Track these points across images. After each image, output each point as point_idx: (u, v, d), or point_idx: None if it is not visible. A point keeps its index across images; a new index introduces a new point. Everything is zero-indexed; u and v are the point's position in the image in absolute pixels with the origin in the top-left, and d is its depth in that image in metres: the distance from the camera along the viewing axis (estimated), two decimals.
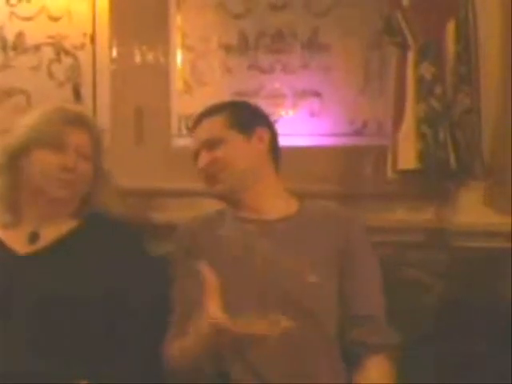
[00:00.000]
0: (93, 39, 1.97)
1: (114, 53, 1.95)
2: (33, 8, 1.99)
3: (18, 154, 1.36)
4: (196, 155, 1.43)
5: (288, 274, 1.27)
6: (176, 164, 1.87)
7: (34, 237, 1.36)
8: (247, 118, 1.43)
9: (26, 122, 1.39)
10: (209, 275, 1.13)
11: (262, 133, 1.42)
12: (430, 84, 1.64)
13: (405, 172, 1.69)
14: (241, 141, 1.39)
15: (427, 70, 1.65)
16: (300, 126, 1.91)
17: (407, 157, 1.65)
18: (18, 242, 1.36)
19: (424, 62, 1.65)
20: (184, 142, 1.93)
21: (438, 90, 1.64)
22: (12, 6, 2.00)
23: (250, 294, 1.26)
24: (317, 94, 1.91)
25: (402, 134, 1.67)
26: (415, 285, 1.59)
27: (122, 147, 1.89)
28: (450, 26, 1.66)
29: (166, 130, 1.96)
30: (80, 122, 1.40)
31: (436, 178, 1.70)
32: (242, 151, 1.39)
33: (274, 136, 1.46)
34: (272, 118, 1.54)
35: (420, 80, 1.65)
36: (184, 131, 1.95)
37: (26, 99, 1.99)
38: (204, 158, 1.40)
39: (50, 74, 1.99)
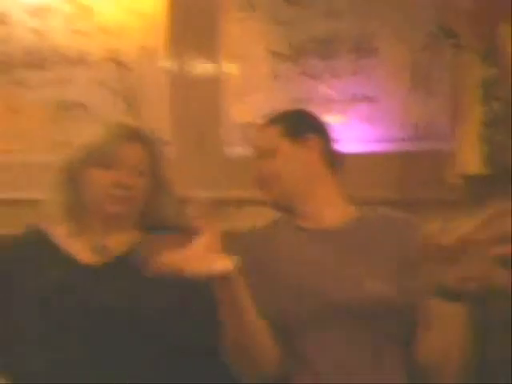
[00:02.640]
0: (149, 52, 2.01)
1: (170, 65, 1.98)
2: (91, 24, 2.05)
3: (77, 171, 1.40)
4: (254, 165, 1.45)
5: (349, 283, 1.26)
6: (231, 173, 1.89)
7: (100, 248, 1.39)
8: (300, 126, 1.43)
9: (83, 140, 1.43)
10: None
11: (314, 141, 1.41)
12: (492, 86, 1.60)
13: (467, 177, 1.65)
14: (293, 150, 1.40)
15: (489, 72, 1.61)
16: (350, 132, 1.89)
17: (471, 162, 1.62)
18: (83, 253, 1.38)
19: (485, 64, 1.61)
20: (237, 150, 1.95)
21: (500, 92, 1.60)
22: (71, 22, 2.06)
23: (311, 303, 1.25)
24: (367, 99, 1.90)
25: (463, 138, 1.63)
26: None
27: (180, 157, 1.91)
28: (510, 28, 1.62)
29: (220, 139, 1.97)
30: (136, 137, 1.41)
31: (501, 183, 1.65)
32: (293, 160, 1.39)
33: (327, 143, 1.44)
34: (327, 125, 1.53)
35: (482, 82, 1.61)
36: (238, 140, 1.97)
37: (84, 112, 2.05)
38: (259, 168, 1.42)
39: (108, 88, 2.04)
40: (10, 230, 1.49)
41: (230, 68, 1.98)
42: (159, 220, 1.47)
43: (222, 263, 1.10)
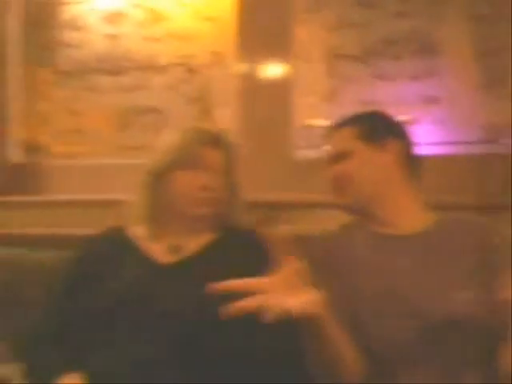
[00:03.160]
0: (220, 57, 2.04)
1: (240, 69, 2.00)
2: (163, 30, 2.10)
3: (160, 175, 1.43)
4: (327, 168, 1.42)
5: (431, 291, 1.23)
6: (299, 175, 1.89)
7: (175, 248, 1.42)
8: (377, 128, 1.39)
9: (166, 143, 1.46)
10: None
11: (392, 144, 1.37)
12: None
13: None
14: (369, 153, 1.36)
15: None
16: (425, 134, 1.86)
17: None
18: (159, 254, 1.42)
19: None
20: (307, 154, 1.95)
21: None
22: (144, 28, 2.12)
23: (391, 311, 1.23)
24: (436, 101, 1.85)
25: None
26: None
27: (249, 161, 1.93)
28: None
29: (288, 143, 1.98)
30: (217, 141, 1.45)
31: None
32: (369, 163, 1.36)
33: (406, 146, 1.40)
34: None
35: None
36: (306, 143, 1.97)
37: (159, 117, 2.10)
38: (332, 171, 1.39)
39: (181, 93, 2.08)
40: (91, 230, 1.55)
41: (299, 70, 1.98)
42: (230, 222, 1.50)
43: (305, 301, 1.04)
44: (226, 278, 1.32)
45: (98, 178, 2.08)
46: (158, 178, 1.43)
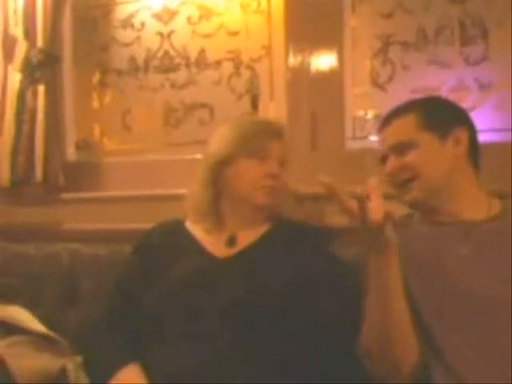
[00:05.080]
0: (269, 51, 2.03)
1: (290, 61, 1.98)
2: (212, 25, 2.10)
3: (222, 165, 1.44)
4: (383, 159, 1.35)
5: (498, 280, 1.18)
6: (351, 167, 1.85)
7: (231, 241, 1.43)
8: (442, 116, 1.30)
9: (228, 135, 1.47)
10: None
11: (460, 133, 1.29)
12: None
13: None
14: (435, 144, 1.27)
15: None
16: (485, 121, 1.79)
17: None
18: (217, 247, 1.43)
19: None
20: (359, 144, 1.92)
21: None
22: (193, 24, 2.12)
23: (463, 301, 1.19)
24: (501, 86, 1.78)
25: None
26: None
27: (298, 153, 1.91)
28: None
29: (340, 134, 1.95)
30: (280, 133, 1.47)
31: None
32: (436, 156, 1.27)
33: (473, 135, 1.32)
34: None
35: None
36: (359, 133, 1.93)
37: (209, 112, 2.10)
38: (393, 164, 1.31)
39: (230, 88, 2.08)
40: (146, 224, 1.57)
41: (350, 59, 1.95)
42: (281, 214, 1.50)
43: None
44: (281, 271, 1.33)
45: (151, 174, 2.11)
46: (221, 169, 1.44)
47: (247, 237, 1.43)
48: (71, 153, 2.26)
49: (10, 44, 2.12)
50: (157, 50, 2.17)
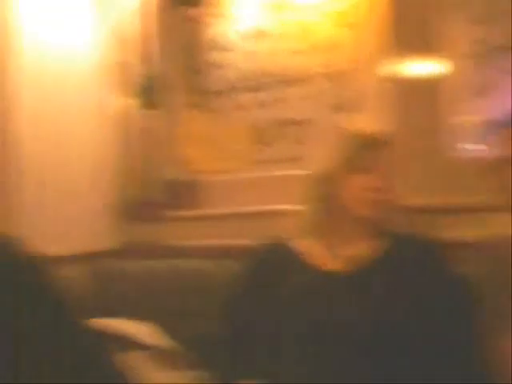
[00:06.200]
0: (361, 63, 2.03)
1: (385, 72, 1.97)
2: (304, 42, 2.12)
3: (327, 181, 1.46)
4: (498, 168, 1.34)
5: None
6: (457, 177, 1.82)
7: (344, 257, 1.43)
8: None
9: (330, 150, 1.49)
10: None
11: None
12: None
13: None
14: None
15: None
16: None
17: None
18: (327, 263, 1.44)
19: None
20: (463, 152, 1.88)
21: None
22: (285, 42, 2.15)
23: None
24: None
25: None
26: None
27: (403, 163, 1.89)
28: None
29: (441, 143, 1.91)
30: (380, 144, 1.47)
31: None
32: None
33: None
34: None
35: None
36: (460, 142, 1.89)
37: (302, 129, 2.12)
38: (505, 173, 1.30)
39: (323, 103, 2.09)
40: (253, 241, 1.61)
41: (448, 67, 1.91)
42: (391, 228, 1.48)
43: None
44: (401, 288, 1.32)
45: (248, 191, 2.15)
46: (327, 185, 1.45)
47: (360, 252, 1.43)
48: (172, 172, 2.34)
49: (120, 70, 2.24)
50: (248, 70, 2.21)
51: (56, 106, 2.16)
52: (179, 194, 2.28)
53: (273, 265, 1.48)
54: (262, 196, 2.09)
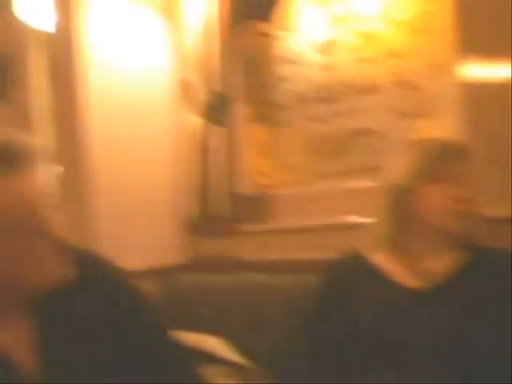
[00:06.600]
0: (436, 69, 1.97)
1: (461, 78, 1.91)
2: (377, 50, 2.08)
3: (405, 192, 1.40)
4: None
5: None
6: None
7: (424, 271, 1.37)
8: None
9: (408, 160, 1.43)
10: None
11: None
12: None
13: None
14: None
15: None
16: None
17: None
18: (408, 278, 1.38)
19: None
20: None
21: None
22: (358, 52, 2.12)
23: None
24: None
25: None
26: None
27: (483, 173, 1.82)
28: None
29: None
30: (460, 153, 1.41)
31: None
32: None
33: None
34: None
35: None
36: None
37: (376, 138, 2.08)
38: None
39: (398, 111, 2.04)
40: (325, 255, 1.57)
41: None
42: (473, 241, 1.41)
43: None
44: (486, 307, 1.24)
45: (321, 203, 2.12)
46: (404, 196, 1.40)
47: (441, 266, 1.36)
48: (240, 186, 2.34)
49: (188, 88, 2.27)
50: (321, 81, 2.19)
51: (127, 125, 2.23)
52: (247, 208, 2.28)
53: (350, 279, 1.43)
54: (332, 208, 2.05)
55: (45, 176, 0.91)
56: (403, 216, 1.41)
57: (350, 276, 1.44)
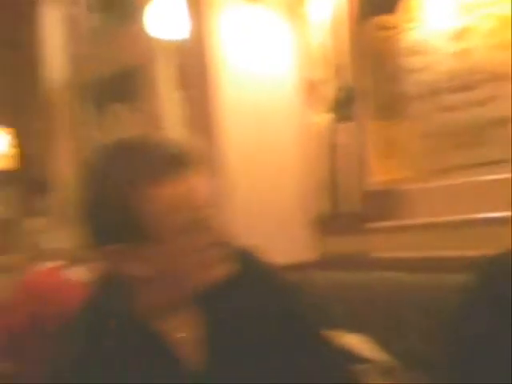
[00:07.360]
0: None
1: None
2: (506, 34, 1.94)
3: None
4: None
5: None
6: None
7: None
8: None
9: None
10: None
11: None
12: None
13: None
14: None
15: None
16: None
17: None
18: None
19: None
20: None
21: None
22: (492, 37, 1.99)
23: None
24: None
25: None
26: None
27: None
28: None
29: None
30: None
31: None
32: None
33: None
34: None
35: None
36: None
37: None
38: None
39: None
40: (466, 252, 1.50)
41: None
42: None
43: None
44: None
45: (457, 197, 2.02)
46: None
47: None
48: (370, 183, 2.30)
49: (316, 86, 2.28)
50: (454, 70, 2.09)
51: (258, 128, 2.28)
52: (377, 204, 2.23)
53: (503, 280, 1.34)
54: (466, 203, 1.95)
55: (206, 177, 0.95)
56: None
57: (504, 275, 1.34)
